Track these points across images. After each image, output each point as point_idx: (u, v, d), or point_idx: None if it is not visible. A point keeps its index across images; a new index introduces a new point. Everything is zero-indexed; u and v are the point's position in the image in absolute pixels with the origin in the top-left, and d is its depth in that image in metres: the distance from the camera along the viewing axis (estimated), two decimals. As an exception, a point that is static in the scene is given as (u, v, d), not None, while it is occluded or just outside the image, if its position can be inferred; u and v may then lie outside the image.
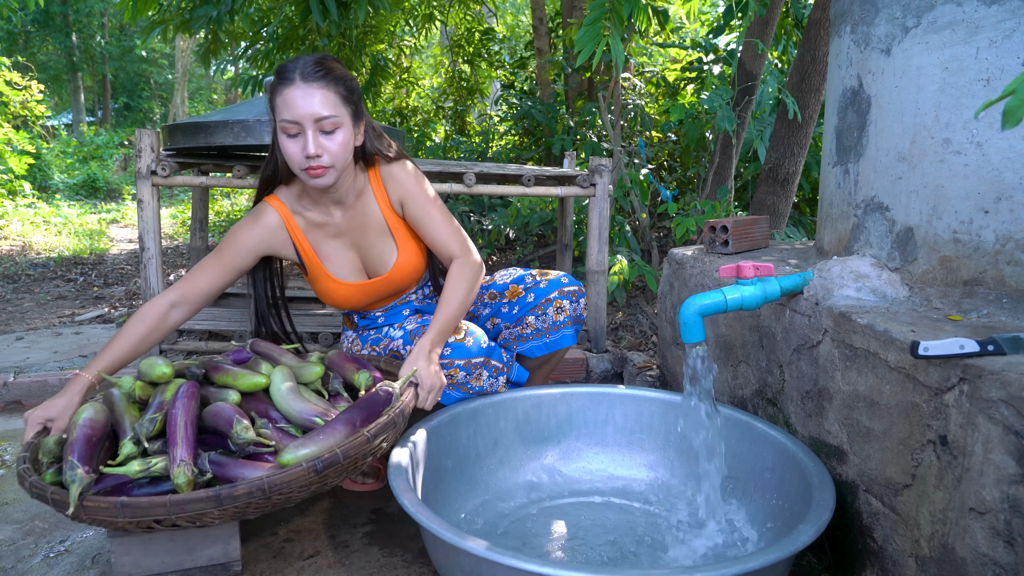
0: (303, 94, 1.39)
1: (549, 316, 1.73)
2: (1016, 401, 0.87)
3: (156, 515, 1.08)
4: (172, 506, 1.08)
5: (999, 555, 0.90)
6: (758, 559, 0.96)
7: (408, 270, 1.66)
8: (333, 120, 1.41)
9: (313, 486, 1.18)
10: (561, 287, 1.73)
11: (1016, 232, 1.24)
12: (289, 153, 1.43)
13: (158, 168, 2.30)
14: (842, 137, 1.55)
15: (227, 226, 7.38)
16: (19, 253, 5.65)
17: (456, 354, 1.54)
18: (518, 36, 8.52)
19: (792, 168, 3.35)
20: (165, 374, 1.36)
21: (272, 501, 1.15)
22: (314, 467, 1.14)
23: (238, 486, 1.10)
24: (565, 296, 1.73)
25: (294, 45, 4.66)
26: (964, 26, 1.27)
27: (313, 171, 1.43)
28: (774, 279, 1.36)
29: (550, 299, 1.72)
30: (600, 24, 2.35)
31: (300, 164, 1.43)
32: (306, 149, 1.40)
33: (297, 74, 1.40)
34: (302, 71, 1.40)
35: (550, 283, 1.74)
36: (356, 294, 1.65)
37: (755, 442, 1.42)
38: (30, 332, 3.19)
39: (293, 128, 1.41)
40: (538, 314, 1.73)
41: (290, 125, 1.40)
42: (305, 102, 1.39)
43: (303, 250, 1.61)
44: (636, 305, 3.38)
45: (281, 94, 1.41)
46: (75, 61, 17.03)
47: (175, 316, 1.51)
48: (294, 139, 1.42)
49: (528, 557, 0.97)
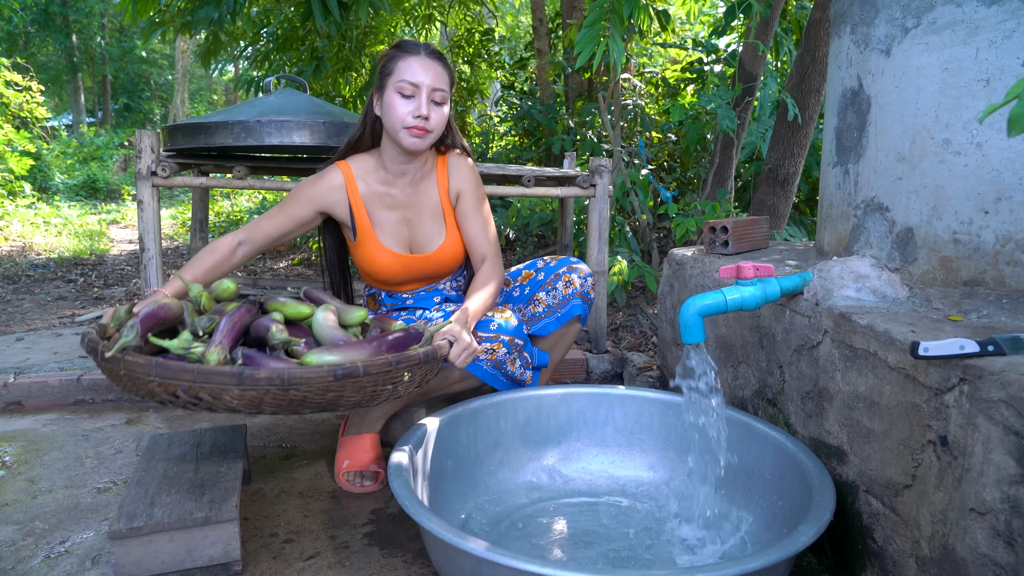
0: (426, 65, 1.59)
1: (559, 291, 1.80)
2: (1016, 401, 0.87)
3: (183, 380, 1.17)
4: (198, 374, 1.17)
5: (999, 555, 0.90)
6: (758, 559, 0.96)
7: (450, 255, 1.77)
8: (443, 94, 1.61)
9: (330, 393, 1.23)
10: (570, 263, 1.83)
11: (1016, 232, 1.24)
12: (399, 111, 1.58)
13: (158, 169, 2.30)
14: (842, 138, 1.55)
15: (227, 227, 7.39)
16: (19, 254, 5.65)
17: (501, 330, 1.64)
18: (518, 37, 8.52)
19: (792, 168, 3.35)
20: (229, 289, 1.51)
21: (289, 396, 1.20)
22: (333, 372, 1.20)
23: (260, 369, 1.18)
24: (574, 271, 1.81)
25: (294, 46, 4.67)
26: (964, 27, 1.27)
27: (416, 130, 1.59)
28: (774, 280, 1.36)
29: (559, 274, 1.81)
30: (600, 25, 2.35)
31: (405, 122, 1.58)
32: (419, 110, 1.57)
33: (423, 49, 1.61)
34: (425, 49, 1.61)
35: (560, 261, 1.84)
36: (396, 265, 1.74)
37: (755, 443, 1.42)
38: (30, 333, 3.19)
39: (409, 89, 1.57)
40: (548, 290, 1.81)
41: (408, 86, 1.57)
42: (427, 71, 1.58)
43: (357, 212, 1.71)
44: (636, 306, 3.38)
45: (405, 60, 1.59)
46: (75, 62, 17.04)
47: (240, 252, 1.65)
48: (407, 100, 1.58)
49: (528, 558, 0.97)
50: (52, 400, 2.27)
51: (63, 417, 2.16)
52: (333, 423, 2.11)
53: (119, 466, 1.80)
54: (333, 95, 5.20)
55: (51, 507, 1.59)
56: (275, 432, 2.04)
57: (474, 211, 1.76)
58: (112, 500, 1.62)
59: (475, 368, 1.63)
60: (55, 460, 1.84)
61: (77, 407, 2.25)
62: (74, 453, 1.88)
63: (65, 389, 2.27)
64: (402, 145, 1.62)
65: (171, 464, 1.50)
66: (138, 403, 2.29)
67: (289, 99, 2.61)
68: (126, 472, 1.77)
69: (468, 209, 1.76)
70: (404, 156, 1.67)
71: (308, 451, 1.90)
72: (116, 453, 1.89)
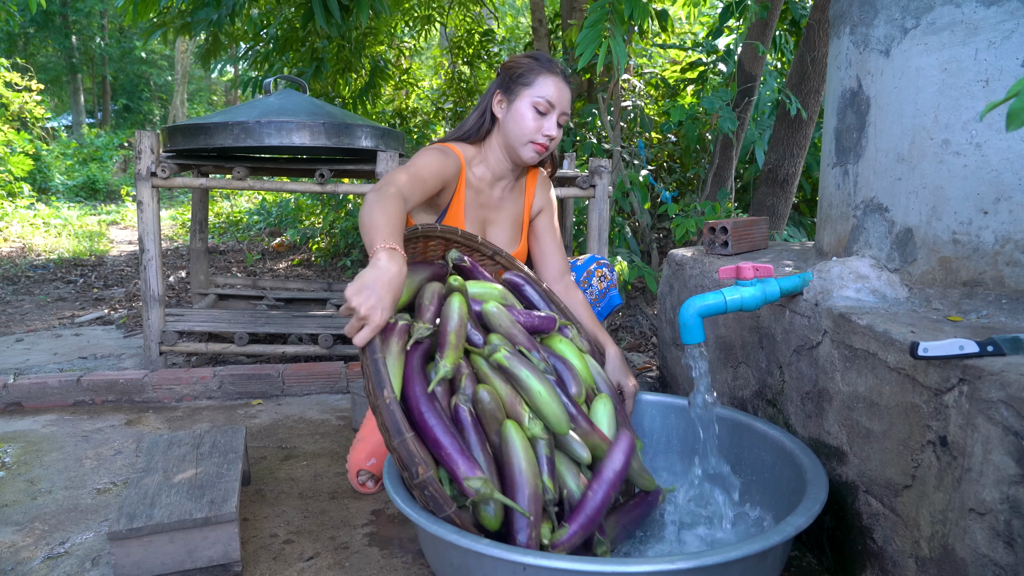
0: (563, 87, 1.64)
1: (594, 286, 1.90)
2: (1016, 402, 0.87)
3: None
4: None
5: (999, 556, 0.90)
6: (741, 548, 0.96)
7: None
8: (567, 118, 1.67)
9: None
10: (597, 260, 1.94)
11: (1015, 233, 1.24)
12: (529, 125, 1.62)
13: (158, 170, 2.30)
14: (841, 138, 1.55)
15: (227, 228, 7.39)
16: (19, 255, 5.65)
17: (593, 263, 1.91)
18: (518, 38, 8.52)
19: (792, 169, 3.35)
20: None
21: None
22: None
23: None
24: (603, 266, 1.92)
25: (294, 47, 4.67)
26: (963, 27, 1.27)
27: (539, 146, 1.65)
28: (774, 280, 1.36)
29: (591, 271, 1.91)
30: (601, 26, 2.35)
31: (532, 136, 1.63)
32: (549, 129, 1.63)
33: (560, 71, 1.64)
34: (563, 72, 1.65)
35: (587, 259, 1.94)
36: None
37: (754, 441, 1.42)
38: (30, 334, 3.19)
39: (545, 107, 1.62)
40: (584, 288, 1.89)
41: (545, 104, 1.62)
42: (565, 95, 1.64)
43: (458, 194, 1.71)
44: (636, 306, 3.38)
45: (547, 77, 1.62)
46: (75, 63, 17.05)
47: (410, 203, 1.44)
48: (541, 116, 1.63)
49: (511, 548, 0.98)
50: (52, 401, 2.27)
51: (63, 418, 2.16)
52: (332, 424, 2.11)
53: (119, 467, 1.80)
54: (333, 96, 5.20)
55: (51, 508, 1.59)
56: (275, 433, 2.04)
57: (551, 228, 1.83)
58: (112, 501, 1.62)
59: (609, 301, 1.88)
60: (55, 461, 1.84)
61: (77, 408, 2.25)
62: (74, 454, 1.88)
63: (65, 390, 2.27)
64: (520, 156, 1.66)
65: (171, 465, 1.50)
66: (138, 404, 2.29)
67: (289, 100, 2.61)
68: (126, 473, 1.77)
69: (545, 225, 1.82)
70: (512, 164, 1.72)
71: (308, 452, 1.90)
72: (116, 454, 1.89)
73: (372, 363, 1.09)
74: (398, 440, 1.05)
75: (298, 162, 2.98)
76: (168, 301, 3.88)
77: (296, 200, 6.73)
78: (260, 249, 5.96)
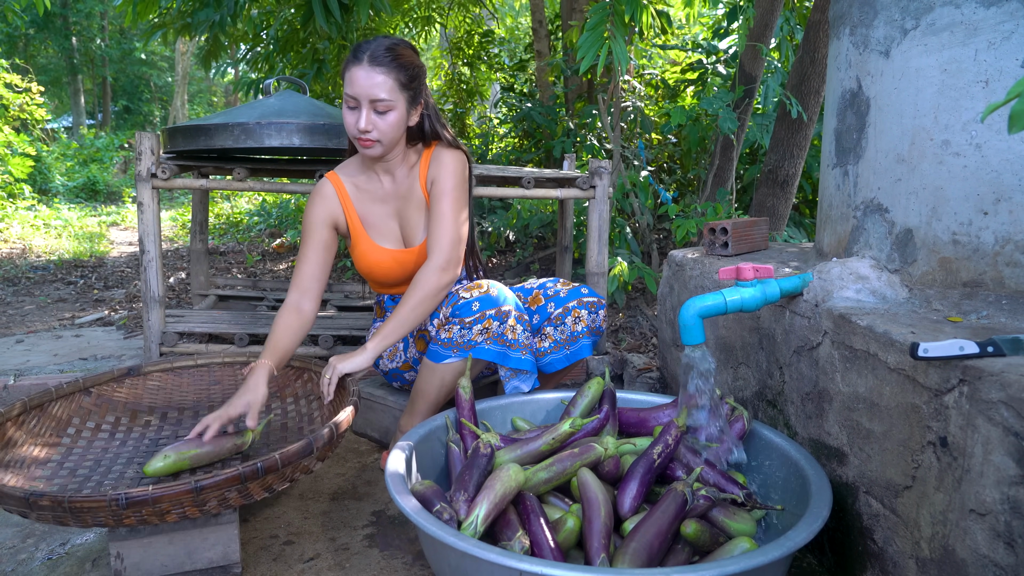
0: (366, 75, 1.54)
1: (567, 326, 1.77)
2: (1016, 402, 0.87)
3: None
4: None
5: (999, 556, 0.90)
6: (753, 558, 0.96)
7: None
8: (386, 103, 1.56)
9: None
10: (580, 296, 1.78)
11: (1015, 234, 1.24)
12: (346, 123, 1.60)
13: (158, 171, 2.30)
14: (841, 139, 1.55)
15: (227, 229, 7.39)
16: (19, 256, 5.65)
17: (485, 305, 1.59)
18: (518, 38, 8.52)
19: (792, 170, 3.35)
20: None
21: None
22: None
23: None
24: (584, 306, 1.77)
25: (295, 48, 4.67)
26: (963, 28, 1.27)
27: (363, 142, 1.60)
28: (774, 281, 1.36)
29: (568, 308, 1.77)
30: (602, 28, 2.35)
31: (353, 134, 1.60)
32: (361, 123, 1.56)
33: (366, 56, 1.54)
34: (371, 54, 1.54)
35: (570, 292, 1.79)
36: (387, 260, 1.74)
37: (760, 449, 1.42)
38: (30, 335, 3.19)
39: (352, 102, 1.57)
40: (556, 325, 1.77)
41: (350, 99, 1.57)
42: (366, 83, 1.54)
43: (349, 215, 1.73)
44: (636, 307, 3.38)
45: (349, 70, 1.56)
46: (75, 64, 17.07)
47: (307, 308, 1.66)
48: (352, 111, 1.58)
49: (507, 553, 0.98)
50: (52, 402, 2.26)
51: (63, 419, 2.16)
52: (333, 425, 2.11)
53: (119, 468, 1.80)
54: (333, 97, 5.20)
55: (51, 509, 1.58)
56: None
57: (437, 201, 1.65)
58: (112, 502, 1.62)
59: (480, 351, 1.58)
60: (55, 462, 1.84)
61: (77, 409, 2.25)
62: (74, 455, 1.88)
63: (65, 391, 2.26)
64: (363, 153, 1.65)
65: (171, 466, 1.49)
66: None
67: (289, 101, 2.61)
68: (126, 474, 1.76)
69: (433, 198, 1.66)
70: (372, 159, 1.68)
71: (308, 453, 1.90)
72: (116, 455, 1.88)
73: None
74: None
75: (298, 163, 2.98)
76: (168, 302, 3.88)
77: (296, 201, 6.73)
78: (260, 250, 5.96)
